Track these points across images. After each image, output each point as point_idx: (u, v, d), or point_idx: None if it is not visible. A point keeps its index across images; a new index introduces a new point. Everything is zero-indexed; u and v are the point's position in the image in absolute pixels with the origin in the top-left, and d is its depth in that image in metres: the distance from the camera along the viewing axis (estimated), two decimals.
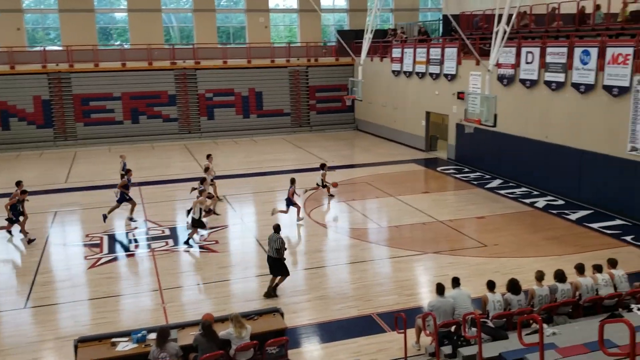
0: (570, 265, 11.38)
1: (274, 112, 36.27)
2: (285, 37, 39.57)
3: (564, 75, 20.02)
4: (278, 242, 12.96)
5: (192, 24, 37.06)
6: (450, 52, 26.49)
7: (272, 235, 13.16)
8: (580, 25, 22.17)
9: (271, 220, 18.78)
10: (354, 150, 31.78)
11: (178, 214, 19.89)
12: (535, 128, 21.63)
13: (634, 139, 17.56)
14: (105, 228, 18.05)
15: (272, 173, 25.30)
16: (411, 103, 30.46)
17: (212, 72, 34.87)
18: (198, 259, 15.83)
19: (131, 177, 19.57)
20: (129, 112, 33.63)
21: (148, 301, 13.05)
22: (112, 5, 35.89)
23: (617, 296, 10.23)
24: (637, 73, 17.28)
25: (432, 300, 10.12)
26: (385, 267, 14.95)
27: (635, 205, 17.70)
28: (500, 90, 22.54)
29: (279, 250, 12.96)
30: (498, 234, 16.91)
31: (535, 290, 10.07)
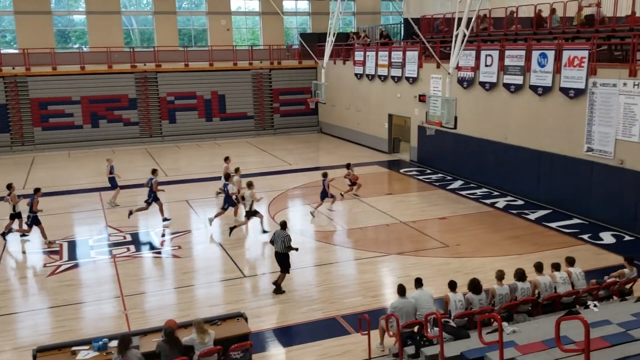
0: (529, 264, 11.61)
1: (237, 115, 36.12)
2: (248, 40, 39.45)
3: (522, 78, 20.42)
4: (287, 239, 13.25)
5: (153, 27, 36.67)
6: (412, 55, 26.77)
7: (279, 232, 13.42)
8: (537, 28, 22.64)
9: (234, 223, 18.74)
10: (318, 153, 31.87)
11: (139, 219, 19.64)
12: (494, 130, 22.00)
13: (589, 139, 18.00)
14: (66, 235, 17.73)
15: None
16: (374, 106, 30.69)
17: (174, 75, 34.55)
18: (161, 264, 15.66)
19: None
20: (89, 116, 33.09)
21: (109, 308, 12.86)
22: (70, 8, 35.28)
23: (574, 293, 10.48)
24: (592, 75, 17.73)
25: (394, 302, 10.22)
26: (349, 269, 15.03)
27: (592, 205, 18.15)
28: (461, 92, 22.87)
29: (289, 247, 13.28)
30: (460, 234, 17.14)
31: (496, 289, 10.25)
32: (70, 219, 19.73)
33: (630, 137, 16.72)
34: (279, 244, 13.34)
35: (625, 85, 16.74)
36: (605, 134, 17.45)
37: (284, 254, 13.39)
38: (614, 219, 17.43)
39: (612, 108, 17.18)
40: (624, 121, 16.84)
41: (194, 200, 21.58)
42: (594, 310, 9.14)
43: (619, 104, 16.93)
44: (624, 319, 7.48)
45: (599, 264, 14.41)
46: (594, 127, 17.82)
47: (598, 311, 8.93)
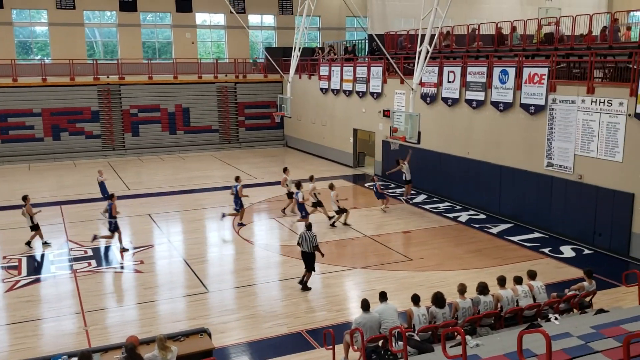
0: (492, 277, 11.77)
1: (201, 129, 35.90)
2: (213, 53, 39.34)
3: (483, 94, 20.79)
4: (314, 239, 14.07)
5: (117, 39, 36.30)
6: (376, 71, 27.04)
7: (305, 233, 14.21)
8: (498, 45, 23.12)
9: (198, 238, 18.59)
10: (283, 167, 31.77)
11: (101, 233, 19.33)
12: (457, 145, 22.32)
13: (549, 155, 18.40)
14: (24, 250, 17.33)
15: (200, 190, 25.01)
16: (339, 120, 30.86)
17: (137, 87, 34.22)
18: (123, 279, 15.41)
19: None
20: (50, 128, 32.49)
21: (70, 325, 12.59)
22: (32, 19, 34.70)
23: (536, 307, 10.64)
24: (552, 92, 18.16)
25: (357, 317, 10.23)
26: (314, 283, 14.98)
27: (552, 219, 18.52)
28: (424, 108, 23.17)
29: (316, 246, 14.08)
30: (423, 248, 17.30)
31: (459, 303, 10.35)
32: (29, 233, 19.23)
33: (588, 152, 17.15)
34: (306, 244, 14.11)
35: (584, 102, 17.19)
36: (565, 149, 17.87)
37: (311, 254, 14.19)
38: (573, 232, 17.80)
39: (571, 124, 17.60)
40: (583, 137, 17.28)
41: (157, 214, 21.32)
42: (555, 323, 9.29)
43: (578, 120, 17.37)
44: (584, 332, 7.63)
45: (559, 277, 14.68)
46: (554, 142, 18.23)
47: (559, 324, 9.08)
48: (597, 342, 7.19)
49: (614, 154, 16.44)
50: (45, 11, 34.25)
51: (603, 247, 16.92)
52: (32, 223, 17.67)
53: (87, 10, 35.04)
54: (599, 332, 7.55)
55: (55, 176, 28.27)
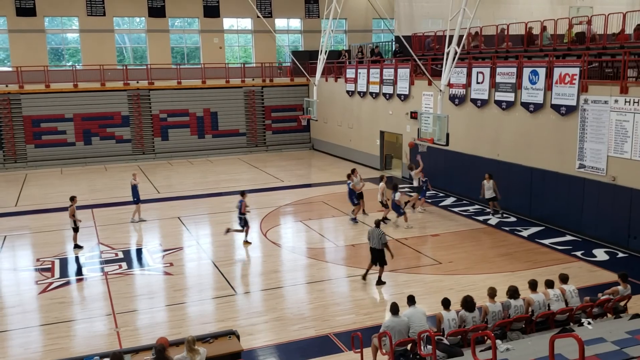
0: (523, 281, 11.60)
1: (229, 132, 36.14)
2: (240, 57, 39.58)
3: (513, 95, 20.54)
4: (383, 236, 14.41)
5: (146, 45, 36.75)
6: (403, 72, 26.91)
7: (374, 230, 14.53)
8: (528, 46, 22.82)
9: (226, 240, 18.67)
10: (310, 170, 31.85)
11: (131, 236, 19.56)
12: (486, 147, 22.07)
13: (581, 156, 18.08)
14: (57, 252, 17.60)
15: (228, 193, 25.11)
16: (366, 122, 30.77)
17: (166, 92, 34.61)
18: (152, 282, 15.54)
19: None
20: (81, 133, 33.04)
21: (101, 326, 12.73)
22: (64, 26, 35.33)
23: (568, 311, 10.44)
24: (584, 92, 17.85)
25: (386, 320, 10.15)
26: (342, 286, 14.96)
27: (584, 221, 18.18)
28: (452, 110, 22.97)
29: (385, 243, 14.42)
30: (452, 252, 17.12)
31: (488, 306, 10.20)
32: (62, 236, 19.58)
33: (622, 153, 16.81)
34: (375, 240, 14.45)
35: (617, 102, 16.86)
36: (597, 150, 17.54)
37: (380, 250, 14.45)
38: (607, 235, 17.46)
39: (603, 125, 17.28)
40: (616, 138, 16.94)
41: (186, 217, 21.49)
42: (588, 328, 9.09)
43: (611, 121, 17.04)
44: (618, 337, 7.45)
45: (592, 281, 14.40)
46: (586, 143, 17.91)
47: (592, 329, 8.89)
48: (633, 348, 7.01)
49: None
50: (76, 18, 34.85)
51: (638, 250, 16.55)
52: (74, 225, 17.91)
53: (116, 17, 35.57)
54: (635, 338, 7.37)
55: (86, 180, 28.69)
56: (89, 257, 17.33)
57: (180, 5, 36.47)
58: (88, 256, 17.38)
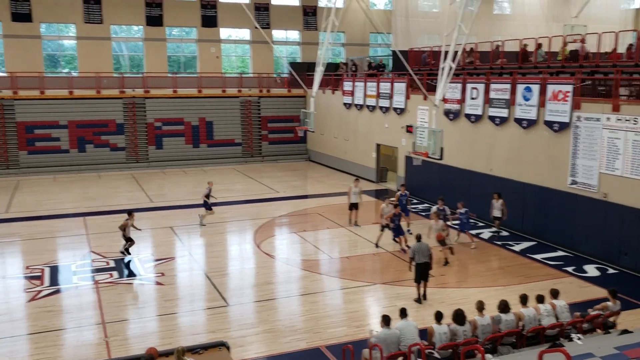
0: (514, 295, 11.62)
1: (224, 142, 36.16)
2: (237, 67, 39.70)
3: (507, 111, 20.66)
4: (430, 250, 14.35)
5: (143, 53, 36.85)
6: (399, 86, 27.05)
7: (420, 244, 14.36)
8: (522, 62, 23.01)
9: (219, 252, 18.65)
10: (306, 181, 31.88)
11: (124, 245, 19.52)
12: (480, 161, 22.17)
13: (574, 172, 18.18)
14: (48, 260, 17.52)
15: (223, 204, 25.06)
16: (362, 135, 30.87)
17: (162, 101, 34.63)
18: (143, 291, 15.49)
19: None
20: (75, 140, 32.97)
21: (90, 335, 12.67)
22: (61, 33, 35.40)
23: (558, 326, 10.47)
24: (577, 109, 17.98)
25: (378, 332, 10.16)
26: (335, 298, 14.95)
27: (576, 237, 18.25)
28: (447, 124, 23.08)
29: (431, 256, 14.32)
30: (444, 265, 17.12)
31: (477, 320, 10.22)
32: (53, 243, 19.54)
33: (613, 170, 16.92)
34: (420, 255, 14.22)
35: (609, 120, 16.99)
36: (589, 167, 17.65)
37: (427, 264, 14.30)
38: (598, 251, 17.53)
39: (596, 142, 17.40)
40: (608, 155, 17.05)
41: (179, 227, 21.45)
42: (578, 343, 9.12)
43: (603, 138, 17.16)
44: (607, 352, 7.47)
45: (582, 296, 14.43)
46: (578, 160, 18.01)
47: (582, 344, 8.92)
48: None
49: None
50: (73, 25, 34.93)
51: (628, 266, 16.62)
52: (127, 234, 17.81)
53: (114, 25, 35.68)
54: (623, 354, 7.40)
55: (80, 187, 28.64)
56: (79, 265, 17.26)
57: (178, 14, 36.61)
58: (79, 264, 17.31)
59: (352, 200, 21.36)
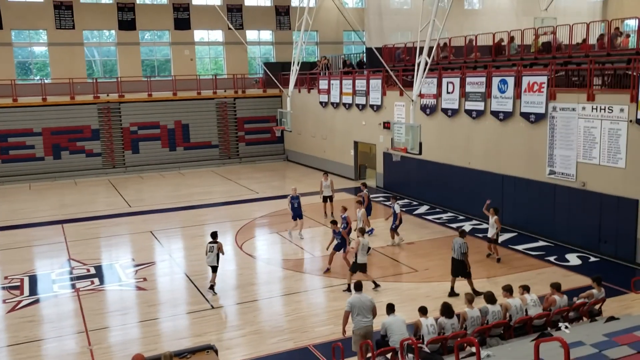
0: (497, 287, 11.66)
1: (201, 145, 35.91)
2: (212, 69, 39.45)
3: (483, 104, 20.78)
4: (465, 246, 14.21)
5: (116, 57, 36.44)
6: (375, 83, 27.06)
7: (457, 239, 14.40)
8: (496, 56, 23.17)
9: (201, 254, 18.48)
10: (284, 181, 31.73)
11: (103, 251, 19.26)
12: (458, 155, 22.28)
13: (551, 163, 18.35)
14: (26, 270, 17.21)
15: (201, 206, 24.92)
16: (339, 133, 30.85)
17: (137, 105, 34.26)
18: (126, 297, 15.28)
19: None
20: (50, 147, 32.50)
21: (73, 344, 12.46)
22: (32, 39, 34.85)
23: (545, 316, 10.53)
24: (552, 100, 18.14)
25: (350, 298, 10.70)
26: (320, 297, 14.90)
27: (556, 227, 18.42)
28: (424, 119, 23.16)
29: (465, 253, 14.18)
30: (428, 259, 17.19)
31: (467, 312, 10.24)
32: (31, 252, 19.21)
33: (591, 159, 17.10)
34: (455, 250, 14.27)
35: (584, 110, 17.17)
36: (567, 157, 17.82)
37: (460, 261, 14.22)
38: (578, 240, 17.70)
39: (572, 132, 17.57)
40: (584, 144, 17.24)
41: (158, 231, 21.22)
42: (566, 332, 9.17)
43: (579, 128, 17.34)
44: (596, 340, 7.51)
45: (566, 285, 14.42)
46: (556, 150, 18.18)
47: (570, 333, 8.96)
48: (612, 350, 7.08)
49: (616, 160, 16.39)
50: (44, 31, 34.43)
51: (609, 254, 16.81)
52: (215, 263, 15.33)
53: (86, 30, 35.24)
54: (612, 340, 7.45)
55: (56, 195, 28.22)
56: (59, 273, 16.97)
57: (151, 18, 36.25)
58: (58, 272, 17.03)
59: (324, 193, 22.11)
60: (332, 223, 16.89)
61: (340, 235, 16.42)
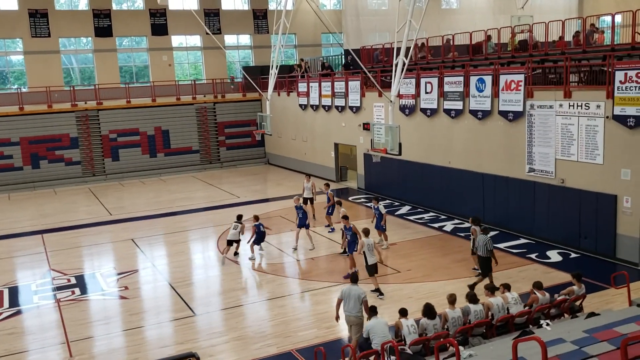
0: (480, 285, 11.69)
1: (182, 150, 35.72)
2: (191, 74, 39.26)
3: (461, 103, 20.89)
4: (489, 243, 14.27)
5: (93, 65, 36.13)
6: (354, 85, 27.10)
7: (481, 237, 14.41)
8: (474, 55, 23.31)
9: (182, 261, 18.40)
10: (266, 185, 31.69)
11: (84, 261, 19.08)
12: (438, 155, 22.37)
13: (531, 160, 18.49)
14: (7, 281, 16.99)
15: (183, 212, 24.77)
16: (320, 135, 30.86)
17: (116, 112, 34.00)
18: (108, 306, 15.14)
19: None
20: (29, 157, 32.12)
21: (55, 356, 12.32)
22: (7, 49, 34.44)
23: (527, 313, 10.59)
24: (530, 98, 18.29)
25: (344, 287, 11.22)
26: (302, 301, 14.87)
27: (537, 224, 18.56)
28: (403, 120, 23.23)
29: (491, 250, 14.27)
30: (410, 259, 17.23)
31: (448, 313, 10.28)
32: (11, 263, 18.98)
33: (569, 156, 17.26)
34: (481, 247, 14.28)
35: (562, 107, 17.32)
36: (546, 154, 17.97)
37: (487, 258, 14.26)
38: (559, 237, 17.85)
39: (550, 129, 17.72)
40: (562, 141, 17.39)
41: (140, 238, 21.07)
42: (547, 329, 9.24)
43: (557, 125, 17.49)
44: (577, 336, 7.58)
45: (548, 282, 14.55)
46: (534, 148, 18.33)
47: (551, 330, 9.04)
48: (592, 347, 7.15)
49: (594, 157, 16.56)
50: (20, 40, 34.04)
51: (589, 250, 16.98)
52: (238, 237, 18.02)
53: (62, 38, 34.88)
54: (592, 336, 7.51)
55: (35, 205, 27.91)
56: (40, 284, 16.78)
57: (128, 24, 36.00)
58: (39, 283, 16.83)
59: (304, 195, 22.43)
60: (343, 218, 16.85)
61: (351, 230, 16.29)
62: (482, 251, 14.27)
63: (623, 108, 15.59)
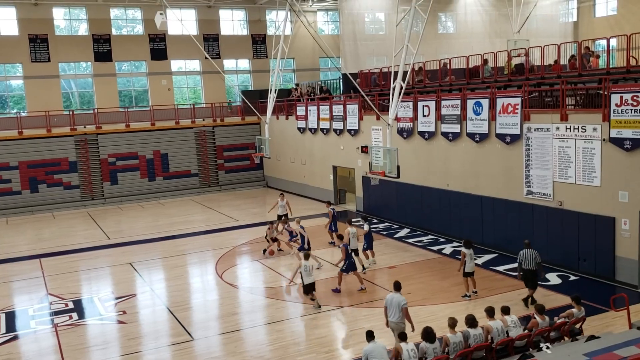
0: (480, 308, 11.67)
1: (181, 174, 35.77)
2: (190, 98, 39.48)
3: (459, 126, 21.00)
4: (538, 256, 14.68)
5: (93, 89, 36.34)
6: (352, 108, 27.26)
7: (527, 251, 14.72)
8: (470, 78, 23.49)
9: (181, 285, 18.33)
10: (265, 208, 31.54)
11: (82, 285, 19.01)
12: (436, 177, 22.43)
13: (529, 183, 18.55)
14: (3, 306, 16.90)
15: (182, 236, 24.74)
16: (318, 158, 30.96)
17: (115, 136, 34.12)
18: (106, 331, 15.06)
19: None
20: (27, 181, 32.15)
21: None
22: (7, 73, 34.66)
23: (526, 337, 10.55)
24: (527, 121, 18.40)
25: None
26: (301, 325, 14.79)
27: (535, 247, 18.43)
28: (401, 143, 23.33)
29: (539, 263, 14.59)
30: (409, 282, 17.13)
31: (449, 337, 10.24)
32: (8, 288, 18.90)
33: (567, 178, 17.31)
34: (529, 261, 14.59)
35: (558, 130, 17.42)
36: (543, 176, 18.03)
37: (534, 271, 14.60)
38: (558, 259, 17.82)
39: (547, 152, 17.80)
40: (560, 164, 17.46)
41: (138, 262, 21.01)
42: (547, 353, 9.21)
43: (554, 148, 17.57)
44: None
45: (547, 305, 14.46)
46: (532, 170, 18.39)
47: (551, 353, 9.01)
48: None
49: (592, 179, 16.61)
50: (20, 65, 34.28)
51: (588, 272, 16.95)
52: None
53: (62, 62, 35.16)
54: (593, 359, 7.49)
55: (33, 229, 27.87)
56: (37, 309, 16.69)
57: (127, 48, 36.30)
58: (37, 308, 16.75)
59: (278, 212, 23.86)
60: (338, 238, 17.77)
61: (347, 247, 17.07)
62: (532, 264, 14.59)
63: (619, 131, 15.69)
